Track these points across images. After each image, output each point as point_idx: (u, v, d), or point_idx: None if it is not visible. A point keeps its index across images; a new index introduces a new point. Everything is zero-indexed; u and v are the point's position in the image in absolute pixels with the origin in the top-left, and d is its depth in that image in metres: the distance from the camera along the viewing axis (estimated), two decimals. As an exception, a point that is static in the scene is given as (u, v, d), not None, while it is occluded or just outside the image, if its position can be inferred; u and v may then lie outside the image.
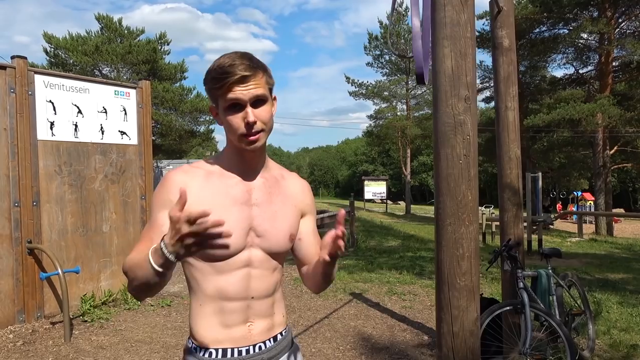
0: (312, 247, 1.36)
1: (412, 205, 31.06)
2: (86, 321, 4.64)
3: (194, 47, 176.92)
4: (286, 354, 1.32)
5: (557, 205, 30.12)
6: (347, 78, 30.16)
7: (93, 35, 24.23)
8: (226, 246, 1.00)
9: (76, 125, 5.04)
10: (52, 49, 23.73)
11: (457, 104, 1.72)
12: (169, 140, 23.89)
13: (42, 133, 4.74)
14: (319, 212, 17.20)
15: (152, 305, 5.23)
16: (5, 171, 4.42)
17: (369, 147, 51.32)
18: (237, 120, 1.16)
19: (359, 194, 30.66)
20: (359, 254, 8.59)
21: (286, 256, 1.34)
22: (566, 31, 19.27)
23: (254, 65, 1.16)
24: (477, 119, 1.79)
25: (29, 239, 4.52)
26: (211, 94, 1.20)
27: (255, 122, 1.16)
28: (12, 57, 4.62)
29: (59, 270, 4.25)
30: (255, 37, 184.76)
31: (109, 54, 22.39)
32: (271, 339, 1.28)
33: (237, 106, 1.16)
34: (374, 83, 30.50)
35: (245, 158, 1.24)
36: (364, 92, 30.61)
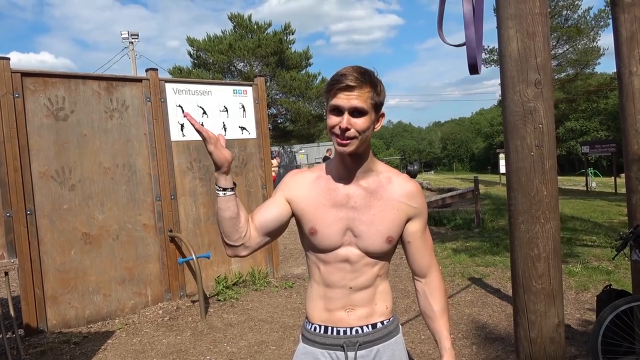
0: (419, 252, 1.44)
1: (557, 177, 28.10)
2: (220, 300, 5.21)
3: (319, 31, 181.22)
4: (385, 343, 1.41)
5: None
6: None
7: (227, 34, 26.29)
8: (325, 241, 1.35)
9: (202, 125, 5.59)
10: (195, 51, 26.34)
11: (525, 90, 1.54)
12: (299, 126, 25.04)
13: (175, 134, 5.36)
14: (445, 191, 16.59)
15: (276, 287, 5.65)
16: (147, 170, 5.13)
17: (506, 116, 47.43)
18: (334, 122, 1.29)
19: (496, 167, 28.70)
20: (484, 235, 8.14)
21: (391, 253, 1.43)
22: None
23: (363, 79, 1.26)
24: (552, 104, 1.59)
25: (170, 228, 5.20)
26: (325, 94, 1.34)
27: (347, 129, 1.27)
28: (146, 70, 5.28)
29: (193, 256, 4.82)
30: (380, 12, 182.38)
31: (241, 50, 24.09)
32: (369, 325, 1.40)
33: (338, 111, 1.28)
34: (507, 47, 28.01)
35: (346, 164, 1.37)
36: (495, 57, 28.39)
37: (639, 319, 2.86)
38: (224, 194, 1.29)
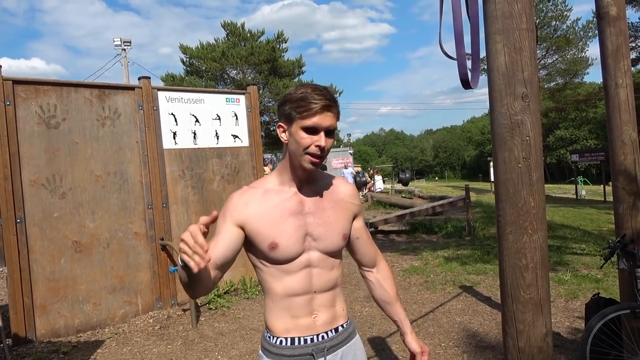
0: (367, 245, 1.59)
1: (547, 185, 28.44)
2: (211, 309, 5.19)
3: (312, 39, 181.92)
4: (346, 345, 1.49)
5: None
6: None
7: (220, 41, 26.35)
8: (287, 252, 1.35)
9: (195, 133, 5.61)
10: (188, 59, 26.36)
11: (513, 103, 1.58)
12: (291, 134, 25.03)
13: (167, 142, 5.36)
14: (438, 199, 16.67)
15: (268, 295, 5.63)
16: (139, 178, 5.11)
17: (497, 125, 47.73)
18: (309, 141, 1.31)
19: (487, 175, 28.91)
20: (475, 243, 8.18)
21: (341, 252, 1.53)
22: None
23: (333, 98, 1.33)
24: (539, 117, 1.62)
25: (161, 237, 5.18)
26: (288, 114, 1.33)
27: (324, 147, 1.33)
28: (139, 79, 5.29)
29: (185, 264, 4.80)
30: (372, 21, 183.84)
31: (234, 57, 24.16)
32: (333, 330, 1.47)
33: (314, 130, 1.31)
34: (497, 56, 28.31)
35: (298, 174, 1.42)
36: (484, 66, 28.68)
37: (626, 327, 2.89)
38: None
